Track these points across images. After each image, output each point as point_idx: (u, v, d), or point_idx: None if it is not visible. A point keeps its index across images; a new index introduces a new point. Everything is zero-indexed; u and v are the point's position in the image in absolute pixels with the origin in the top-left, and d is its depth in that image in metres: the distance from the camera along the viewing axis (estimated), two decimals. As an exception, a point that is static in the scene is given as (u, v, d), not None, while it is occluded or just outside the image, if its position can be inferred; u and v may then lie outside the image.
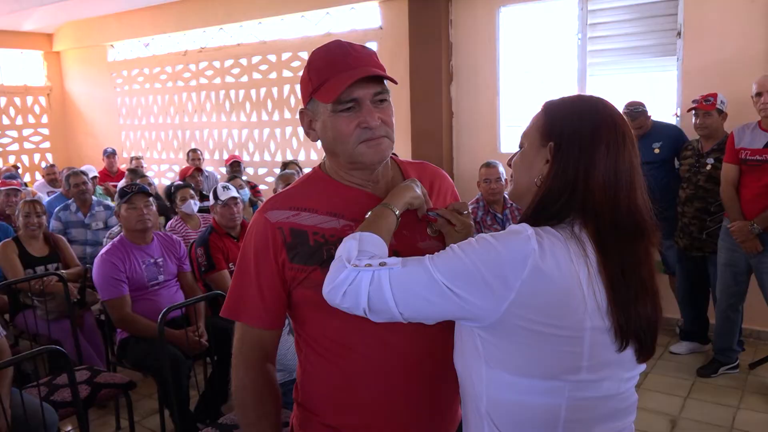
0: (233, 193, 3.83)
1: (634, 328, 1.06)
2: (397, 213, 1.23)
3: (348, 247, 1.13)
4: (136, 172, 6.24)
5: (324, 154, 1.36)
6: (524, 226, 1.05)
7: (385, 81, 1.26)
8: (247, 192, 5.45)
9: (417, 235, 1.33)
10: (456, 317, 1.09)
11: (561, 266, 1.02)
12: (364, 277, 1.07)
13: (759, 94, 3.47)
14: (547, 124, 1.14)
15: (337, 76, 1.21)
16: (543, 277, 1.01)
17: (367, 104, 1.22)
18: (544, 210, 1.09)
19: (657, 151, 4.08)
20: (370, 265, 1.08)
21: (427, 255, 1.09)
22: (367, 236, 1.15)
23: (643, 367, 1.15)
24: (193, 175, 6.23)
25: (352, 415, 1.30)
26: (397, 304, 1.06)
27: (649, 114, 4.17)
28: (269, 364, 1.35)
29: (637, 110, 4.10)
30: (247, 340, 1.33)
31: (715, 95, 3.77)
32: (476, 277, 1.03)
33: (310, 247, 1.26)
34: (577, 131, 1.09)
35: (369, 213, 1.24)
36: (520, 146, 1.21)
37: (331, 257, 1.18)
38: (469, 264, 1.04)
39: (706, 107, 3.79)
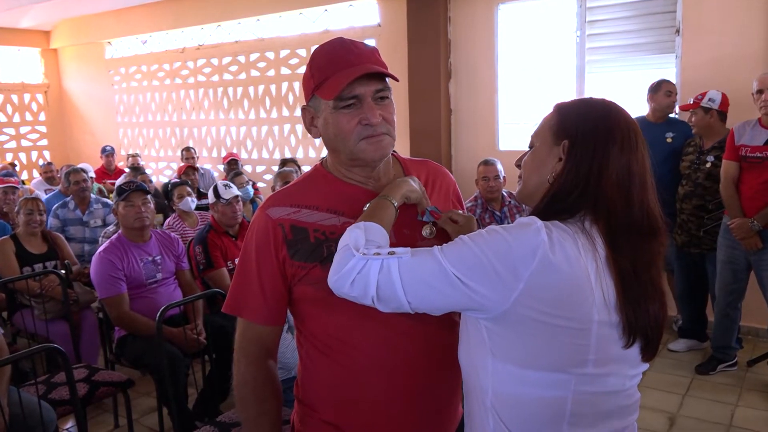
0: (236, 191, 3.82)
1: (642, 324, 1.06)
2: (395, 204, 1.23)
3: (354, 236, 1.13)
4: (137, 169, 6.22)
5: (323, 151, 1.36)
6: (533, 218, 1.06)
7: (386, 78, 1.26)
8: (250, 189, 5.43)
9: (417, 234, 1.33)
10: (464, 308, 1.09)
11: (570, 258, 1.02)
12: (373, 265, 1.07)
13: (760, 92, 3.47)
14: (560, 123, 1.14)
15: (338, 73, 1.21)
16: (552, 269, 1.01)
17: (369, 101, 1.23)
18: (556, 204, 1.10)
19: (669, 140, 4.08)
20: (378, 254, 1.08)
21: (436, 246, 1.09)
22: (371, 226, 1.16)
23: (646, 365, 1.15)
24: (186, 173, 6.20)
25: (352, 413, 1.30)
26: (406, 294, 1.06)
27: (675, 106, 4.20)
28: (270, 361, 1.36)
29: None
30: (248, 336, 1.34)
31: (704, 93, 3.79)
32: (486, 267, 1.03)
33: (310, 244, 1.26)
34: (592, 130, 1.10)
35: (367, 205, 1.24)
36: (531, 146, 1.21)
37: (332, 254, 1.18)
38: (479, 254, 1.04)
39: (688, 106, 3.88)
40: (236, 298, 1.34)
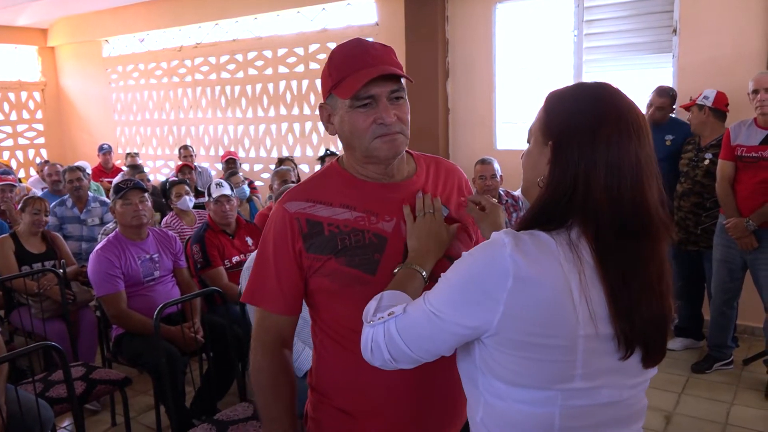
0: (225, 190, 3.83)
1: (639, 334, 1.02)
2: (424, 275, 1.25)
3: (368, 307, 1.17)
4: (137, 167, 6.21)
5: (321, 150, 1.38)
6: (500, 234, 1.03)
7: (402, 79, 1.31)
8: (246, 189, 5.43)
9: None
10: (462, 342, 1.09)
11: (546, 271, 0.99)
12: (378, 331, 1.11)
13: (755, 92, 3.48)
14: (546, 121, 1.09)
15: (355, 74, 1.26)
16: (528, 285, 0.99)
17: (384, 101, 1.27)
18: (545, 214, 1.05)
19: (668, 143, 4.09)
20: (382, 318, 1.11)
21: (425, 292, 1.11)
22: (388, 293, 1.18)
23: (654, 371, 1.11)
24: (182, 171, 6.20)
25: (361, 400, 1.36)
26: (410, 348, 1.09)
27: (673, 106, 4.21)
28: (286, 350, 1.41)
29: (670, 93, 4.17)
30: (265, 325, 1.39)
31: (701, 92, 3.85)
32: (464, 299, 1.03)
33: (325, 237, 1.32)
34: (576, 128, 1.03)
35: (397, 270, 1.26)
36: (528, 142, 1.18)
37: (345, 247, 1.29)
38: (455, 288, 1.05)
39: (687, 105, 3.93)
40: (254, 289, 1.40)
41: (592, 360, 1.02)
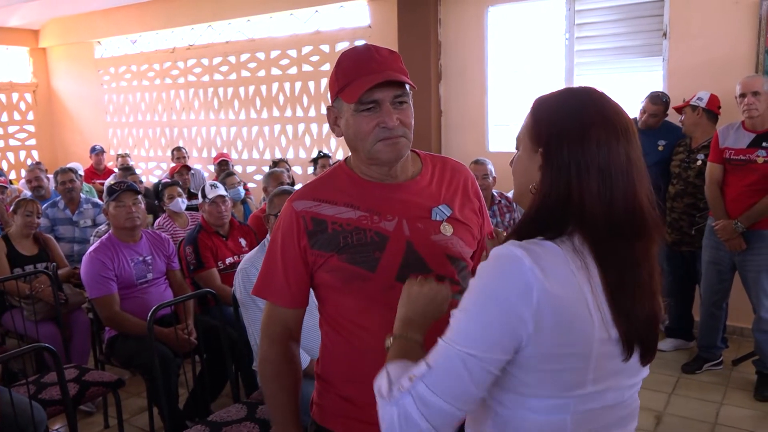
0: (221, 191, 3.83)
1: (636, 333, 1.03)
2: (420, 342, 1.16)
3: (378, 385, 1.06)
4: (128, 169, 6.19)
5: (314, 152, 1.41)
6: (509, 248, 1.00)
7: (406, 84, 1.34)
8: (241, 190, 5.42)
9: (431, 228, 1.41)
10: (499, 370, 1.01)
11: (563, 283, 0.98)
12: (406, 402, 0.98)
13: (742, 95, 3.52)
14: (535, 127, 1.09)
15: (360, 79, 1.31)
16: (551, 297, 0.97)
17: (387, 106, 1.32)
18: (540, 222, 1.05)
19: (661, 148, 4.13)
20: (402, 388, 0.99)
21: (440, 339, 1.02)
22: (393, 365, 1.08)
23: (646, 372, 1.12)
24: (180, 173, 6.19)
25: (363, 389, 1.38)
26: (450, 403, 0.97)
27: (666, 112, 4.22)
28: (292, 342, 1.49)
29: (664, 99, 4.18)
30: (272, 317, 1.47)
31: (695, 94, 3.89)
32: (494, 327, 0.98)
33: (328, 235, 1.38)
34: (564, 134, 1.03)
35: (389, 341, 1.17)
36: (517, 149, 1.18)
37: (347, 245, 1.35)
38: (480, 318, 0.99)
39: (680, 106, 3.98)
40: (263, 282, 1.47)
41: (602, 364, 1.02)
